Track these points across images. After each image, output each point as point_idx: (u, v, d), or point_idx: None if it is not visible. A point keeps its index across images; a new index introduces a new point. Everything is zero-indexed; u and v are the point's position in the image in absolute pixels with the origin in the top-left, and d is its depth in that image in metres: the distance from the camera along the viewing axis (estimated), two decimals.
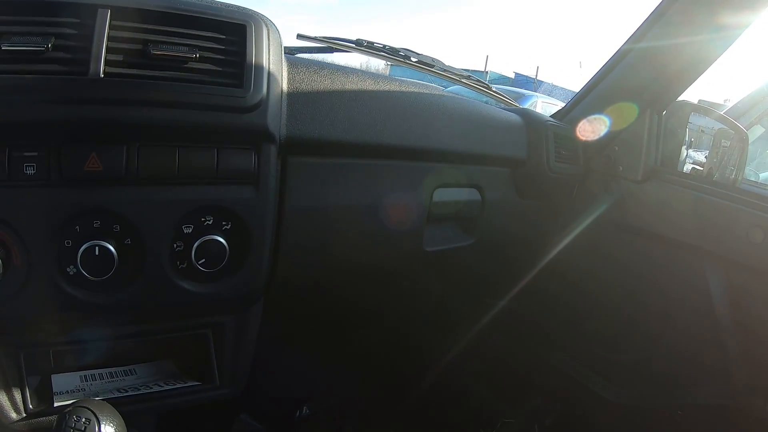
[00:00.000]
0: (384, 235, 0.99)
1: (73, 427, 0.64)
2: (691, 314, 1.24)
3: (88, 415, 0.64)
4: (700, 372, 1.26)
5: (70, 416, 0.64)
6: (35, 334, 0.80)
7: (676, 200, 1.24)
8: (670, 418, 1.30)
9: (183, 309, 0.83)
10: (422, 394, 1.47)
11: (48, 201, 0.69)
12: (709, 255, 1.19)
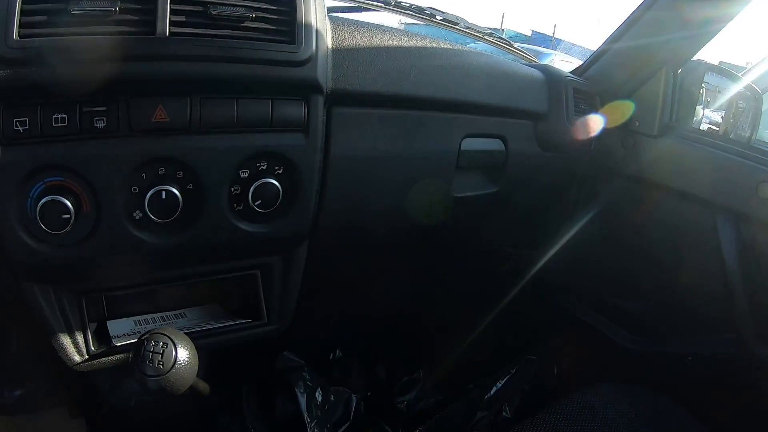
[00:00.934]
0: (418, 180, 1.09)
1: (152, 350, 0.73)
2: (702, 265, 1.30)
3: (165, 340, 0.74)
4: (710, 321, 1.33)
5: (149, 341, 0.74)
6: (97, 280, 0.90)
7: (689, 155, 1.31)
8: (680, 363, 1.37)
9: (238, 249, 0.93)
10: (447, 337, 1.58)
11: (117, 151, 0.77)
12: (720, 208, 1.25)
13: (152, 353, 0.73)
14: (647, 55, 1.35)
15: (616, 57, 1.41)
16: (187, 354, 0.74)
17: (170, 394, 0.74)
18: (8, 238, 0.76)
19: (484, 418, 1.21)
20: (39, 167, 0.74)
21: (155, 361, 0.72)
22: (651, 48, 1.33)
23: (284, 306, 1.01)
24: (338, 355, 1.49)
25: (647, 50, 1.34)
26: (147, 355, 0.72)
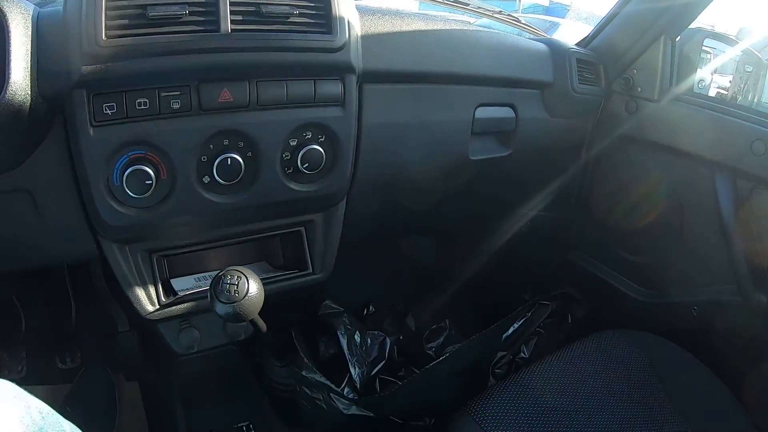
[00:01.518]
0: (438, 145, 1.29)
1: (228, 282, 0.91)
2: (702, 220, 1.43)
3: (239, 274, 0.92)
4: (712, 272, 1.45)
5: (226, 275, 0.92)
6: (167, 240, 1.11)
7: (689, 117, 1.43)
8: (686, 313, 1.50)
9: (288, 207, 1.13)
10: (469, 290, 1.77)
11: (189, 127, 0.96)
12: (717, 166, 1.37)
13: (229, 284, 0.91)
14: (646, 24, 1.47)
15: (617, 28, 1.55)
16: (256, 287, 0.93)
17: (240, 320, 0.93)
18: (98, 203, 0.96)
19: (504, 357, 1.40)
20: (124, 143, 0.94)
21: (231, 290, 0.90)
22: (650, 17, 1.46)
23: (326, 257, 1.23)
24: (371, 309, 1.70)
25: (646, 20, 1.47)
26: (224, 286, 0.90)
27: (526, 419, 1.17)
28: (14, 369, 1.77)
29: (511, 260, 1.84)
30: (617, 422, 1.20)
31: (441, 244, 2.03)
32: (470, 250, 1.94)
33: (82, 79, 0.86)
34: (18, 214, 0.97)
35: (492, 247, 1.83)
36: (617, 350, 1.33)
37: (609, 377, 1.28)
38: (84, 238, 1.05)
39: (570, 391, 1.24)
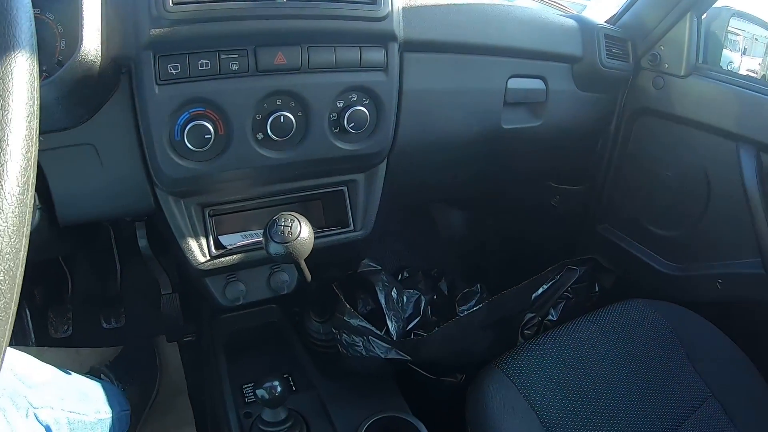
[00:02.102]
0: (472, 113, 1.40)
1: (282, 224, 1.01)
2: (727, 194, 1.51)
3: (292, 218, 1.02)
4: (737, 246, 1.52)
5: (280, 218, 1.02)
6: (220, 194, 1.23)
7: (715, 93, 1.51)
8: (710, 285, 1.58)
9: (333, 165, 1.25)
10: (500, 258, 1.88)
11: (246, 87, 1.07)
12: (742, 140, 1.44)
13: (283, 226, 1.02)
14: (673, 1, 1.55)
15: (644, 5, 1.63)
16: (308, 230, 1.03)
17: (291, 261, 1.04)
18: (160, 156, 1.08)
19: (533, 319, 1.51)
20: (186, 101, 1.05)
21: (285, 232, 1.01)
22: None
23: (367, 216, 1.35)
24: (405, 275, 1.81)
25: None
26: (278, 228, 1.01)
27: (553, 376, 1.28)
28: (60, 329, 1.91)
29: (541, 232, 1.96)
30: (639, 385, 1.30)
31: (472, 216, 2.16)
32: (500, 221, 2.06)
33: (149, 41, 0.97)
34: (83, 167, 1.09)
35: (522, 218, 1.95)
36: (643, 318, 1.42)
37: (634, 342, 1.38)
38: (143, 192, 1.17)
39: (595, 353, 1.34)
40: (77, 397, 1.26)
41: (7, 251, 0.50)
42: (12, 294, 0.50)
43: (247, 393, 1.33)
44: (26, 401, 1.03)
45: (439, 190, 1.62)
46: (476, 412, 1.25)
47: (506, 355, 1.32)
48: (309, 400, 1.30)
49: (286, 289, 1.37)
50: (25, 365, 1.12)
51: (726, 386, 1.35)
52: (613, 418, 1.24)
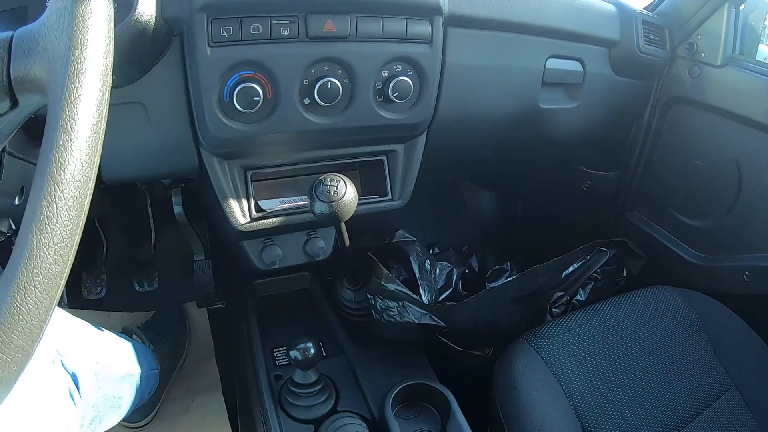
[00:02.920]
0: (511, 90, 1.43)
1: (328, 184, 1.06)
2: (760, 186, 1.52)
3: (338, 178, 1.07)
4: (765, 238, 1.54)
5: (326, 178, 1.07)
6: (264, 157, 1.28)
7: (749, 83, 1.52)
8: (738, 277, 1.59)
9: (375, 133, 1.29)
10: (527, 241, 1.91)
11: (295, 52, 1.10)
12: None
13: (328, 186, 1.06)
14: None
15: None
16: (352, 191, 1.07)
17: (335, 221, 1.09)
18: (208, 116, 1.12)
19: (562, 297, 1.54)
20: (237, 63, 1.09)
21: (331, 191, 1.06)
22: None
23: (405, 186, 1.39)
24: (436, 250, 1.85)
25: None
26: (324, 187, 1.06)
27: (580, 353, 1.33)
28: (93, 291, 1.97)
29: (570, 217, 1.99)
30: (662, 370, 1.34)
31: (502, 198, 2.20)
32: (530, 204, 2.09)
33: (203, 4, 1.00)
34: (131, 125, 1.13)
35: (552, 202, 1.98)
36: (669, 304, 1.46)
37: (659, 328, 1.41)
38: (188, 152, 1.22)
39: (622, 334, 1.38)
40: (106, 350, 1.30)
41: (78, 177, 0.54)
42: (78, 222, 0.54)
43: (277, 356, 1.38)
44: (53, 347, 1.06)
45: (474, 166, 1.65)
46: (504, 384, 1.29)
47: (535, 330, 1.36)
48: (339, 365, 1.35)
49: (321, 255, 1.42)
50: (59, 315, 1.15)
51: (748, 378, 1.37)
52: (636, 400, 1.29)
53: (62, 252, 0.53)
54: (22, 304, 0.51)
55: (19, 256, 0.52)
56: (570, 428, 1.23)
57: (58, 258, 0.53)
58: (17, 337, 0.51)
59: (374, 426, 1.19)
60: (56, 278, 0.53)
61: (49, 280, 0.52)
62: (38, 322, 0.52)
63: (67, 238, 0.53)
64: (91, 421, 1.22)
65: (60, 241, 0.52)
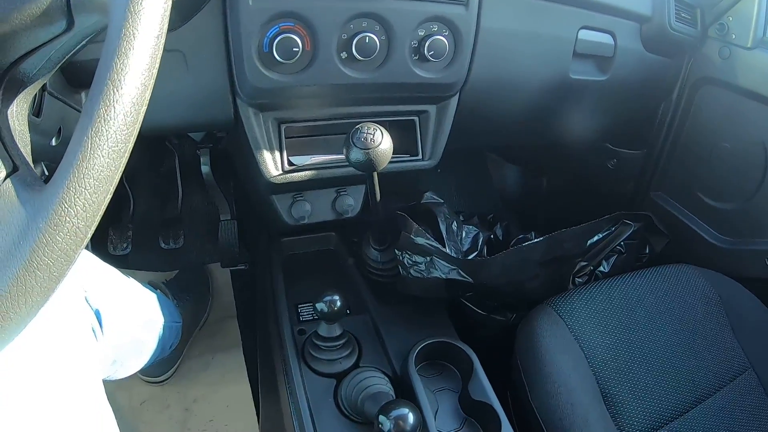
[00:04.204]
0: (543, 58, 1.45)
1: (365, 132, 1.07)
2: None
3: (375, 126, 1.08)
4: None
5: (363, 126, 1.08)
6: (297, 111, 1.30)
7: None
8: (759, 261, 1.61)
9: (409, 91, 1.31)
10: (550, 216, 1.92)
11: (336, 6, 1.11)
12: None
13: (365, 134, 1.08)
14: None
15: None
16: (388, 140, 1.09)
17: (370, 168, 1.10)
18: (247, 66, 1.15)
19: (585, 268, 1.56)
20: (277, 14, 1.11)
21: (368, 139, 1.07)
22: None
23: (436, 147, 1.42)
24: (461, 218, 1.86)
25: None
26: (361, 135, 1.07)
27: (602, 322, 1.35)
28: (119, 246, 2.00)
29: (594, 194, 2.00)
30: (682, 346, 1.36)
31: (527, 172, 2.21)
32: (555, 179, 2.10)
33: None
34: (169, 73, 1.14)
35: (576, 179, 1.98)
36: (692, 283, 1.47)
37: (681, 304, 1.43)
38: (224, 102, 1.25)
39: (643, 307, 1.40)
40: (131, 295, 1.32)
41: (137, 84, 0.55)
42: (134, 128, 0.56)
43: (301, 312, 1.39)
44: (79, 282, 1.08)
45: (503, 134, 1.66)
46: (527, 345, 1.31)
47: (558, 296, 1.37)
48: (362, 323, 1.37)
49: (350, 213, 1.44)
50: (85, 255, 1.17)
51: (766, 360, 1.39)
52: (655, 372, 1.30)
53: (115, 156, 0.54)
54: (70, 205, 0.52)
55: (72, 157, 0.53)
56: (590, 392, 1.25)
57: (111, 162, 0.54)
58: (62, 240, 0.52)
59: (396, 382, 1.20)
60: (107, 183, 0.54)
61: (100, 183, 0.53)
62: (84, 227, 0.53)
63: (122, 143, 0.55)
64: (112, 363, 1.24)
65: (115, 144, 0.54)
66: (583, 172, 1.99)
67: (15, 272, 0.51)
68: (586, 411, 1.22)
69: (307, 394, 1.19)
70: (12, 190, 0.56)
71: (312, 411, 1.16)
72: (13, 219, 0.53)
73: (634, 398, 1.26)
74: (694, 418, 1.27)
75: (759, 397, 1.34)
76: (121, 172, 0.56)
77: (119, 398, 1.79)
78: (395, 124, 1.31)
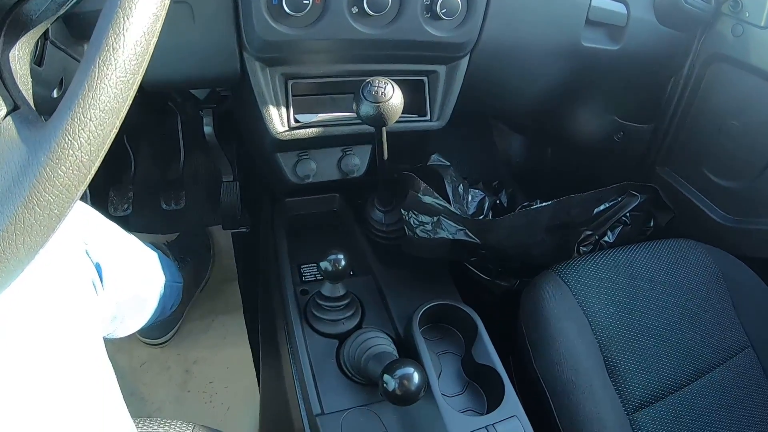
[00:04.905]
0: (555, 23, 1.42)
1: (376, 86, 1.05)
2: None
3: (386, 80, 1.07)
4: None
5: (374, 80, 1.07)
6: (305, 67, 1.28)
7: None
8: (763, 241, 1.60)
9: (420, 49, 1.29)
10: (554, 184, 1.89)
11: None
12: None
13: (376, 87, 1.06)
14: None
15: None
16: (399, 96, 1.08)
17: (380, 123, 1.08)
18: (256, 18, 1.12)
19: (590, 237, 1.54)
20: None
21: (378, 92, 1.05)
22: None
23: (444, 108, 1.39)
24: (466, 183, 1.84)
25: None
26: (372, 88, 1.05)
27: (606, 290, 1.34)
28: (120, 207, 1.98)
29: (599, 167, 1.98)
30: (684, 319, 1.36)
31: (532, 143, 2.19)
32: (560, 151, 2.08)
33: None
34: (175, 24, 1.12)
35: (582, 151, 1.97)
36: (695, 258, 1.47)
37: (684, 279, 1.42)
38: (231, 55, 1.21)
39: (647, 278, 1.39)
40: (132, 251, 1.31)
41: (149, 14, 0.54)
42: (143, 59, 0.54)
43: (304, 272, 1.38)
44: (80, 234, 1.06)
45: (511, 100, 1.63)
46: (531, 311, 1.30)
47: (563, 263, 1.36)
48: (365, 285, 1.36)
49: (356, 173, 1.42)
50: (85, 208, 1.15)
51: (766, 340, 1.39)
52: (657, 342, 1.31)
53: (123, 88, 0.53)
54: (74, 137, 0.50)
55: (77, 87, 0.51)
56: (593, 359, 1.24)
57: (119, 93, 0.52)
58: (64, 174, 0.51)
59: (399, 344, 1.20)
60: (113, 116, 0.53)
61: (106, 116, 0.52)
62: (88, 161, 0.52)
63: (131, 74, 0.53)
64: (112, 319, 1.22)
65: (123, 75, 0.52)
66: (589, 144, 1.97)
67: (13, 210, 0.50)
68: (590, 378, 1.21)
69: (309, 355, 1.18)
70: (12, 128, 0.54)
71: (314, 372, 1.15)
72: (13, 156, 0.52)
73: (637, 368, 1.26)
74: (693, 392, 1.28)
75: (757, 376, 1.34)
76: (128, 106, 0.54)
77: (119, 360, 1.78)
78: (404, 84, 1.28)
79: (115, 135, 0.54)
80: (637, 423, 1.21)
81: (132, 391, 1.68)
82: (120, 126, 0.55)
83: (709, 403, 1.27)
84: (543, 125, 1.84)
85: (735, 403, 1.28)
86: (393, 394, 0.94)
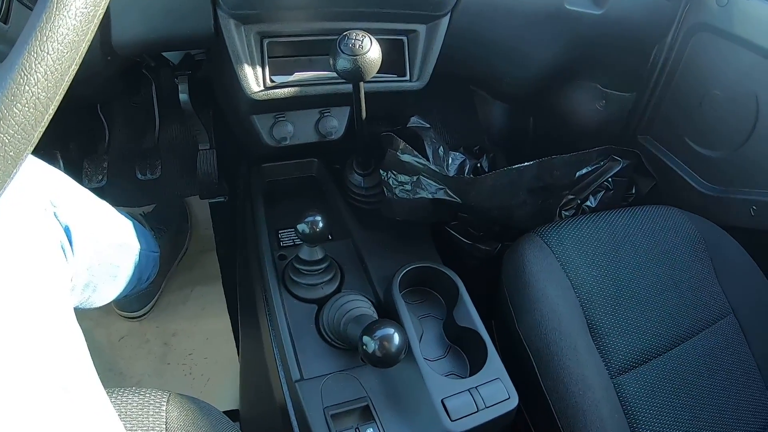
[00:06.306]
0: None
1: (354, 38, 1.01)
2: None
3: (363, 33, 1.02)
4: None
5: (351, 33, 1.02)
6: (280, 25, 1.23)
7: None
8: (744, 211, 1.58)
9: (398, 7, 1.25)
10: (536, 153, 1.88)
11: None
12: None
13: (353, 40, 1.02)
14: None
15: None
16: (377, 49, 1.04)
17: (358, 77, 1.04)
18: None
19: (573, 201, 1.52)
20: None
21: (356, 45, 1.01)
22: None
23: (424, 69, 1.35)
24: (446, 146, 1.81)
25: None
26: (349, 41, 1.01)
27: (588, 253, 1.33)
28: (95, 178, 1.93)
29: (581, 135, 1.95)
30: (666, 285, 1.35)
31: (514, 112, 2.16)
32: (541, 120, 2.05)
33: None
34: None
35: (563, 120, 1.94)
36: (677, 224, 1.45)
37: (666, 243, 1.41)
38: (204, 12, 1.17)
39: (629, 243, 1.38)
40: (105, 216, 1.25)
41: None
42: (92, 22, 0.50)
43: (282, 238, 1.35)
44: (47, 197, 1.00)
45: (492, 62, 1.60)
46: (513, 273, 1.28)
47: (546, 225, 1.34)
48: (345, 248, 1.33)
49: (333, 135, 1.38)
50: (51, 170, 1.09)
51: (747, 307, 1.39)
52: (639, 307, 1.29)
53: (83, 20, 0.50)
54: (29, 72, 0.47)
55: (36, 19, 0.48)
56: (576, 321, 1.23)
57: (78, 26, 0.49)
58: (20, 112, 0.47)
59: (379, 308, 1.17)
60: (73, 50, 0.50)
61: (65, 48, 0.49)
62: (45, 99, 0.48)
63: (91, 5, 0.49)
64: (84, 287, 1.17)
65: (84, 6, 0.49)
66: (570, 113, 1.95)
67: None
68: (574, 340, 1.20)
69: (288, 321, 1.16)
70: None
71: (293, 338, 1.13)
72: None
73: (619, 332, 1.25)
74: (675, 356, 1.27)
75: (738, 342, 1.34)
76: (89, 43, 0.51)
77: (98, 335, 1.75)
78: (383, 43, 1.24)
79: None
80: (620, 386, 1.20)
81: (111, 365, 1.71)
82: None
83: (692, 368, 1.26)
84: (524, 92, 1.80)
85: (717, 369, 1.28)
86: (373, 356, 0.91)
